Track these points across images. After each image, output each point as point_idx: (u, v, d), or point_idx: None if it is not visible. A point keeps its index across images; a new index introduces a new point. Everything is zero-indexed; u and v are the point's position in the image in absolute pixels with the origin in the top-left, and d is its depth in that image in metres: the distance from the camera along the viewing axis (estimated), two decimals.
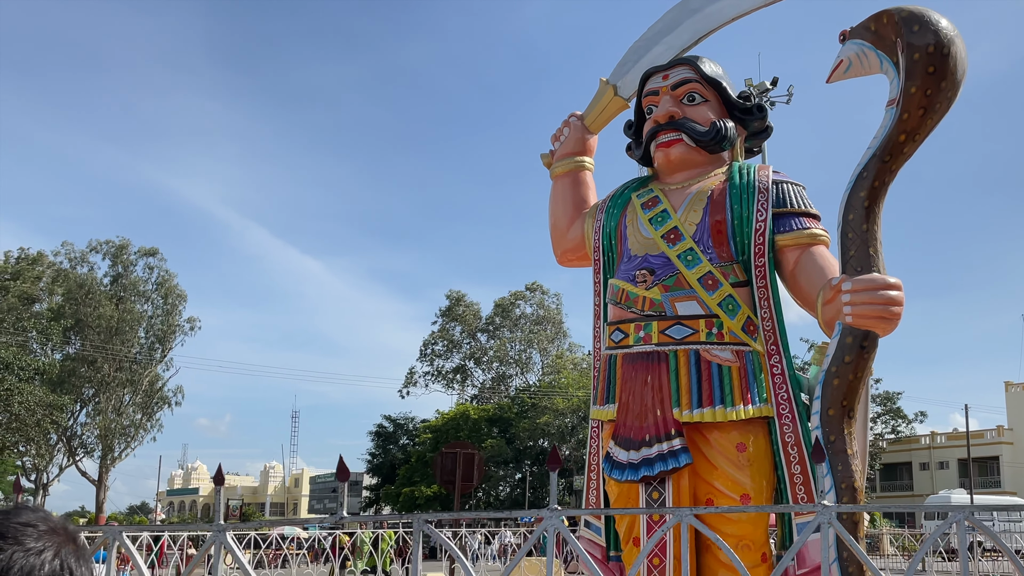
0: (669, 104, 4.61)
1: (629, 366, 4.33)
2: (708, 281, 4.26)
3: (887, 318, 3.74)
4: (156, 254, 50.25)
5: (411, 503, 47.27)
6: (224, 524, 3.18)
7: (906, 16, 3.76)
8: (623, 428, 4.26)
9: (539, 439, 48.08)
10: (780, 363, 4.26)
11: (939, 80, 3.70)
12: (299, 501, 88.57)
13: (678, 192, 4.57)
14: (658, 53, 4.95)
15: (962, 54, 3.75)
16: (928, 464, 56.39)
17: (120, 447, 49.18)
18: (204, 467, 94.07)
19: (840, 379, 3.80)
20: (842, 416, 3.81)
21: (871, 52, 3.94)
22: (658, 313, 4.29)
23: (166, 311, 50.28)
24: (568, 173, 5.17)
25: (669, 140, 4.58)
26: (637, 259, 4.46)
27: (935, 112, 3.78)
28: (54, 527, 1.18)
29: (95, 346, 46.25)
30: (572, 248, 5.07)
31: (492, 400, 53.45)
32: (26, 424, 38.45)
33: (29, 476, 49.16)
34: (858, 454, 3.87)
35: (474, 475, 13.32)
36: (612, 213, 4.74)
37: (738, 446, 4.12)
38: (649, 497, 4.17)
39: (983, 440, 53.92)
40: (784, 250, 4.36)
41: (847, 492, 3.72)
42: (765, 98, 27.67)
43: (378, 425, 55.83)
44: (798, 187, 4.49)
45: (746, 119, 4.71)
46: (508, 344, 54.30)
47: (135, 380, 48.27)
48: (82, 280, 47.68)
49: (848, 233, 3.89)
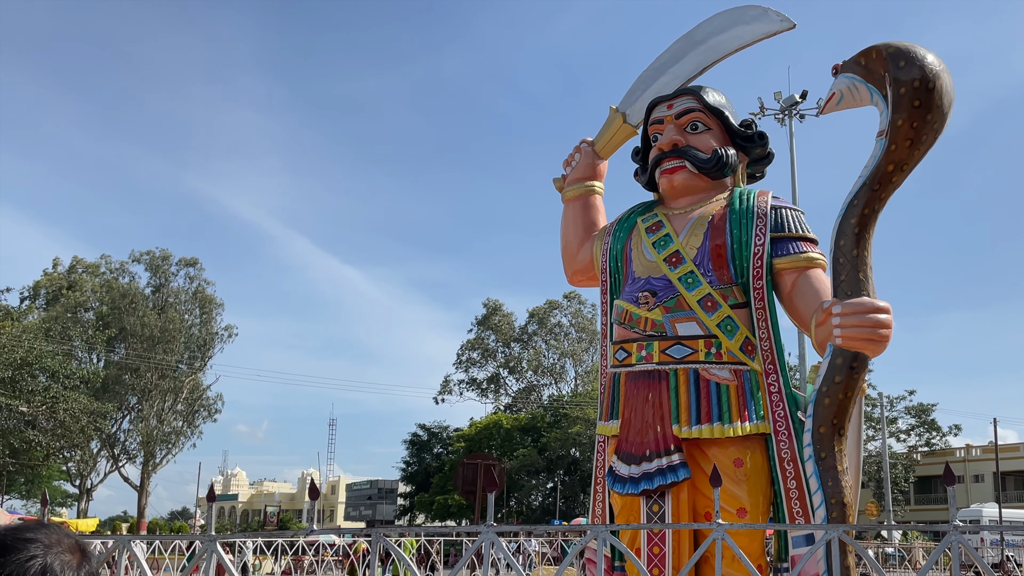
0: (673, 132, 4.82)
1: (632, 384, 4.54)
2: (707, 303, 4.45)
3: (875, 340, 3.91)
4: (196, 264, 51.42)
5: (444, 511, 47.63)
6: (214, 535, 3.50)
7: (893, 52, 3.93)
8: (625, 443, 4.46)
9: (571, 449, 48.15)
10: (777, 382, 4.44)
11: (925, 113, 3.87)
12: (335, 508, 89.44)
13: (681, 217, 4.77)
14: (664, 83, 5.16)
15: (948, 88, 3.91)
16: (963, 477, 55.29)
17: (162, 453, 50.26)
18: (243, 473, 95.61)
19: (831, 398, 3.97)
20: (832, 434, 3.98)
21: (862, 85, 4.11)
22: (659, 333, 4.49)
23: (204, 320, 51.34)
24: (579, 197, 5.40)
25: (673, 167, 4.79)
26: (640, 281, 4.67)
27: (922, 143, 3.94)
28: (58, 539, 1.40)
29: (138, 354, 47.37)
30: (581, 269, 5.29)
31: (524, 409, 53.64)
32: (71, 431, 39.48)
33: (73, 481, 50.42)
34: (849, 470, 4.03)
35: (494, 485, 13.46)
36: (619, 236, 4.96)
37: (736, 461, 4.30)
38: (649, 510, 4.36)
39: (1018, 453, 52.74)
40: (782, 273, 4.53)
41: (836, 507, 3.89)
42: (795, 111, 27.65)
43: (412, 434, 56.42)
44: (796, 212, 4.66)
45: (747, 146, 4.90)
46: (543, 354, 54.50)
47: (176, 388, 49.34)
48: (125, 290, 48.90)
49: (839, 258, 4.06)
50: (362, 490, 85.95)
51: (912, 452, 50.58)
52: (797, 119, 27.96)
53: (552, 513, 44.86)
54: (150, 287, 50.61)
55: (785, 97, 27.91)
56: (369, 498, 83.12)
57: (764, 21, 4.93)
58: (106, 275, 50.13)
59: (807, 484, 4.15)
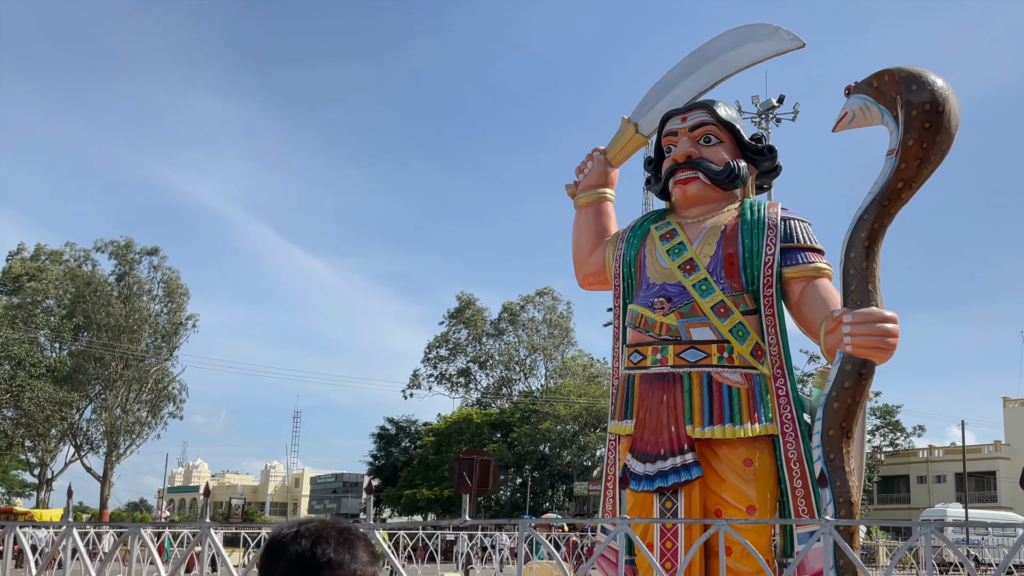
0: (687, 145, 5.01)
1: (646, 385, 4.73)
2: (720, 309, 4.66)
3: (884, 348, 4.14)
4: (157, 252, 50.79)
5: (412, 506, 47.67)
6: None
7: (905, 76, 4.16)
8: (640, 442, 4.66)
9: (540, 445, 48.47)
10: (785, 386, 4.66)
11: (934, 134, 4.10)
12: (299, 501, 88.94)
13: (694, 226, 4.97)
14: (676, 95, 5.36)
15: (956, 110, 4.14)
16: (925, 478, 56.63)
17: (125, 444, 49.64)
18: (205, 465, 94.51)
19: (840, 403, 4.20)
20: (841, 436, 4.20)
21: (873, 106, 4.34)
22: (674, 337, 4.69)
23: (172, 309, 50.78)
24: (591, 204, 5.58)
25: (686, 178, 4.99)
26: (655, 287, 4.86)
27: (930, 163, 4.18)
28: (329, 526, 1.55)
29: (103, 343, 46.74)
30: (593, 273, 5.48)
31: (495, 404, 53.84)
32: (35, 420, 38.89)
33: (33, 471, 49.62)
34: (855, 471, 4.26)
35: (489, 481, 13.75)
36: (632, 243, 5.15)
37: (745, 461, 4.52)
38: (663, 507, 4.56)
39: (980, 455, 54.16)
40: (791, 282, 4.75)
41: (844, 506, 4.11)
42: (771, 115, 28.18)
43: (380, 427, 56.38)
44: (804, 223, 4.89)
45: (757, 159, 5.11)
46: (514, 348, 54.72)
47: (142, 378, 48.75)
48: (89, 278, 48.20)
49: (849, 270, 4.28)
50: (327, 483, 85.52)
51: (876, 452, 51.71)
52: (774, 123, 28.66)
53: (521, 508, 45.17)
54: (114, 275, 49.97)
55: (763, 101, 28.43)
56: (334, 491, 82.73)
57: (775, 39, 5.14)
58: (70, 263, 49.40)
59: (815, 484, 4.38)
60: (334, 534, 1.52)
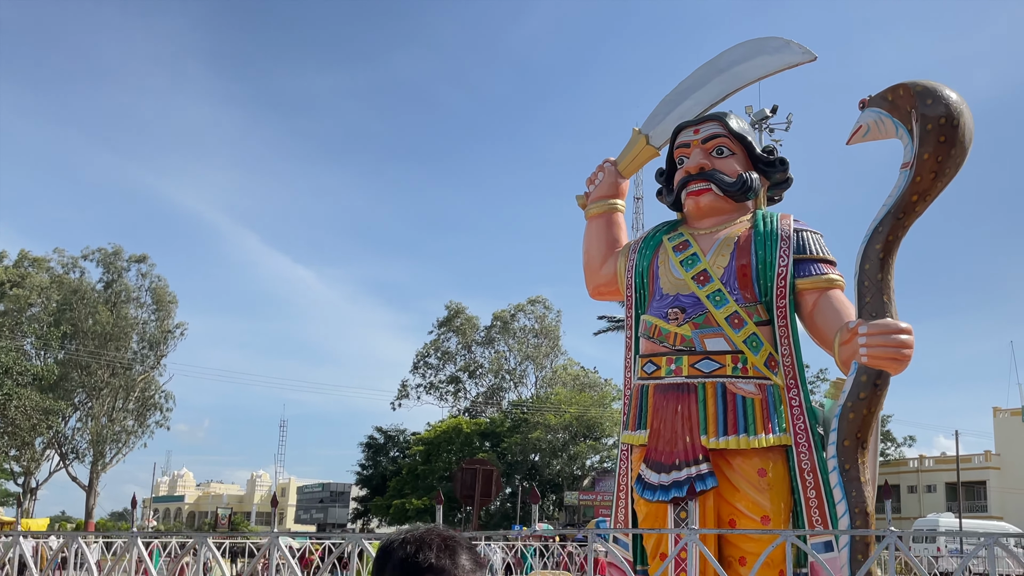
0: (700, 156, 5.05)
1: (660, 396, 4.75)
2: (734, 320, 4.69)
3: (899, 359, 4.18)
4: (146, 260, 50.53)
5: (401, 515, 47.42)
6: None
7: (920, 90, 4.21)
8: (654, 452, 4.67)
9: (530, 454, 48.37)
10: (798, 396, 4.68)
11: (949, 148, 4.15)
12: (286, 511, 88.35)
13: (707, 237, 5.00)
14: (688, 107, 5.39)
15: (970, 124, 4.20)
16: (916, 487, 56.88)
17: (111, 453, 49.22)
18: (191, 474, 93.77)
19: (855, 413, 4.23)
20: (856, 447, 4.23)
21: (887, 119, 4.39)
22: (688, 348, 4.71)
23: (160, 317, 50.47)
24: (602, 215, 5.60)
25: (699, 189, 5.02)
26: (669, 298, 4.88)
27: (945, 176, 4.23)
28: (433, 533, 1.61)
29: (89, 351, 46.38)
30: (604, 283, 5.50)
31: (484, 414, 53.72)
32: (20, 429, 38.50)
33: (16, 480, 49.10)
34: (870, 481, 4.29)
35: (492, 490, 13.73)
36: (644, 254, 5.17)
37: (759, 471, 4.53)
38: (677, 516, 4.57)
39: (971, 465, 54.39)
40: (803, 293, 4.79)
41: (860, 516, 4.14)
42: (765, 125, 28.38)
43: (369, 437, 56.04)
44: (816, 235, 4.93)
45: (769, 171, 5.15)
46: (503, 357, 54.65)
47: (128, 386, 48.38)
48: (76, 286, 47.86)
49: (864, 281, 4.32)
50: (313, 493, 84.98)
51: None
52: (767, 132, 28.88)
53: (512, 519, 45.01)
54: (102, 283, 49.63)
55: (756, 111, 28.63)
56: (321, 501, 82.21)
57: (786, 52, 5.19)
58: (57, 270, 49.04)
59: (829, 495, 4.40)
60: (437, 541, 1.59)
